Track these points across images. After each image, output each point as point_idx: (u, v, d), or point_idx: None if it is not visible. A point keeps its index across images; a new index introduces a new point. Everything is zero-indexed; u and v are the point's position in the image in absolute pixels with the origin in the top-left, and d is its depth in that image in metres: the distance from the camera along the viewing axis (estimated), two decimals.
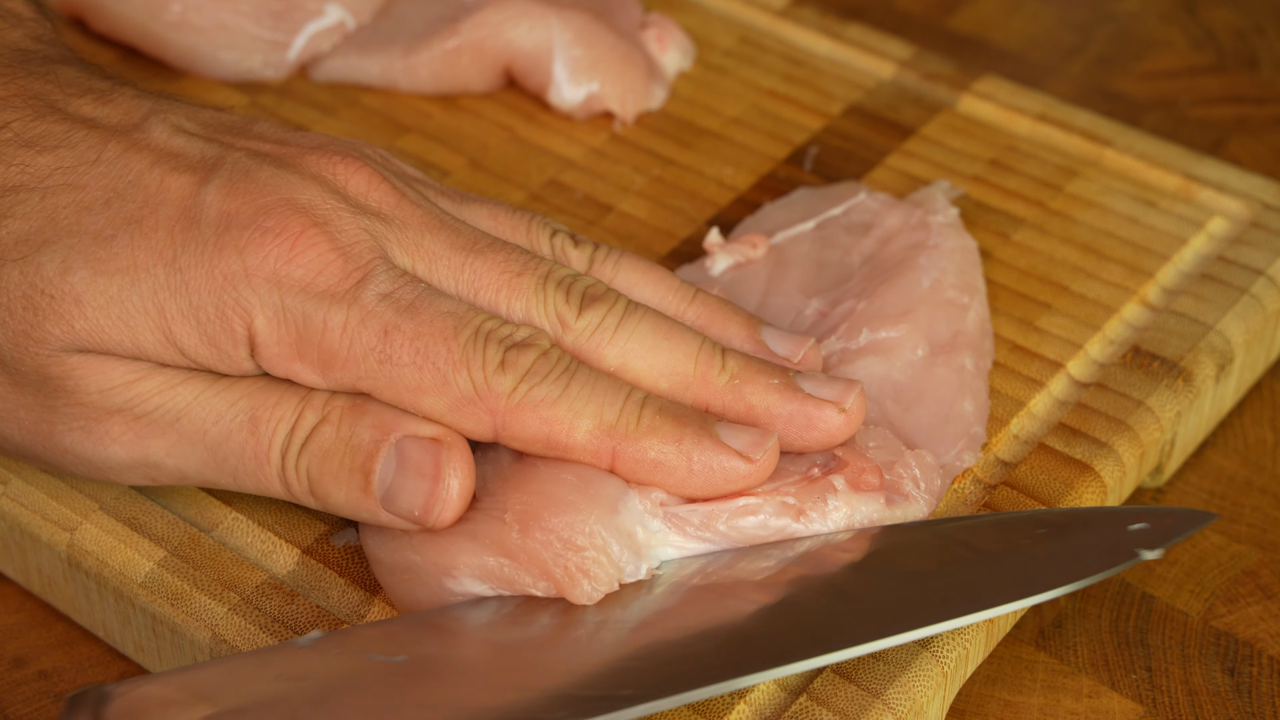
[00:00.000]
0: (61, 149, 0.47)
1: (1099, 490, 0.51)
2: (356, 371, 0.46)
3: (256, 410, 0.46)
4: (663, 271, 0.51)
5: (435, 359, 0.46)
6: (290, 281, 0.46)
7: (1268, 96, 0.72)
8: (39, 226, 0.46)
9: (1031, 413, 0.54)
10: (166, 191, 0.47)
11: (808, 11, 0.69)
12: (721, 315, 0.50)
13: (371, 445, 0.46)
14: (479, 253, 0.48)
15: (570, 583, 0.45)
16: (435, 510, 0.46)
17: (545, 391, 0.46)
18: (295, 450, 0.46)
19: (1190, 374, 0.55)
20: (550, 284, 0.48)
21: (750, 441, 0.46)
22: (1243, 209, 0.60)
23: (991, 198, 0.61)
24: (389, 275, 0.46)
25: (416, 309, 0.46)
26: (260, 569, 0.49)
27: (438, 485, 0.46)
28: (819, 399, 0.48)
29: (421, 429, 0.46)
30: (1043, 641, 0.52)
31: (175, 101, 0.51)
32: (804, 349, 0.50)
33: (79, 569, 0.50)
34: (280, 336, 0.46)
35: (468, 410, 0.46)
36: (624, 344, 0.48)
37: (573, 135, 0.64)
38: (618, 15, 0.66)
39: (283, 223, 0.46)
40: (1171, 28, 0.76)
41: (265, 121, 0.51)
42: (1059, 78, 0.73)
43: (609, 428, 0.46)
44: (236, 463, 0.47)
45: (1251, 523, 0.55)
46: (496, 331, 0.46)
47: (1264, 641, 0.52)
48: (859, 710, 0.45)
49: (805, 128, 0.65)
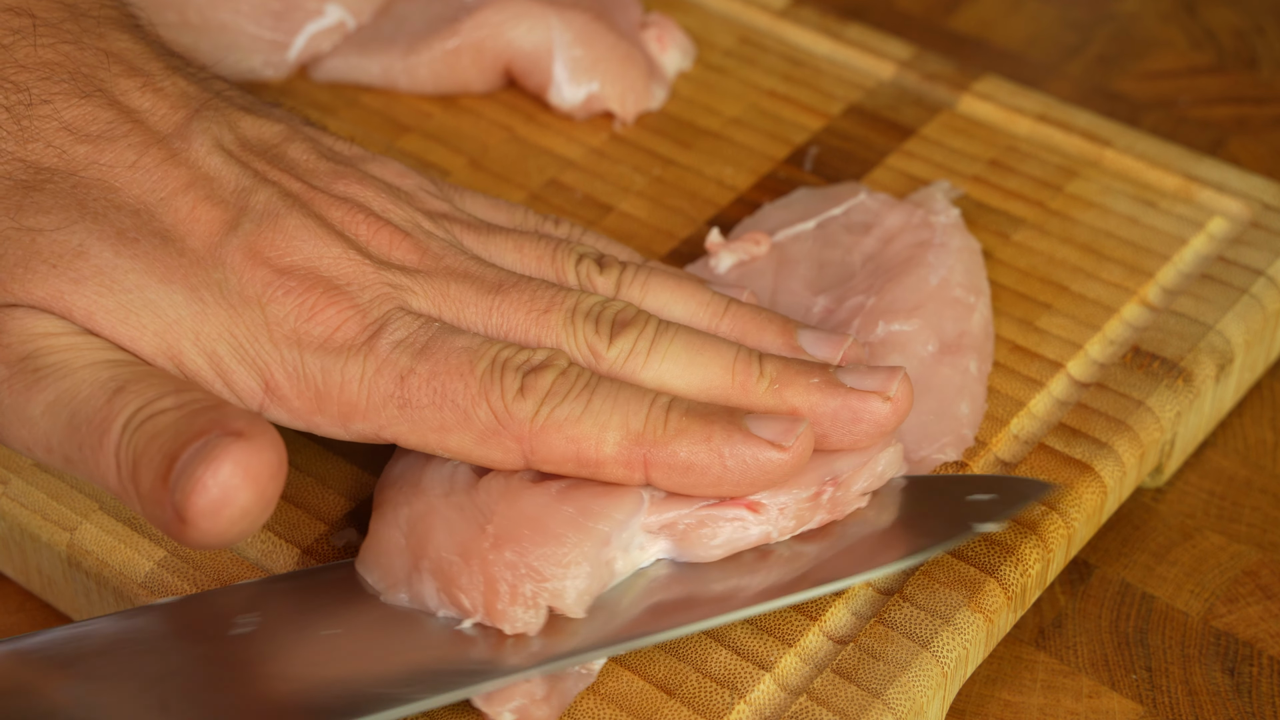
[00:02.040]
0: (102, 142, 0.47)
1: (1099, 490, 0.51)
2: (378, 420, 0.46)
3: (126, 384, 0.44)
4: (693, 285, 0.50)
5: (454, 395, 0.45)
6: (309, 339, 0.46)
7: (1268, 96, 0.72)
8: (67, 205, 0.46)
9: (1031, 413, 0.54)
10: (196, 222, 0.46)
11: (808, 11, 0.69)
12: (756, 324, 0.49)
13: (191, 435, 0.42)
14: (504, 293, 0.47)
15: (508, 609, 0.44)
16: (190, 509, 0.41)
17: (568, 410, 0.45)
18: (135, 425, 0.43)
19: (1190, 374, 0.55)
20: (578, 317, 0.47)
21: (781, 429, 0.46)
22: (1243, 209, 0.60)
23: (991, 198, 0.61)
24: (404, 322, 0.46)
25: (431, 350, 0.46)
26: (260, 569, 0.49)
27: (201, 483, 0.41)
28: (862, 391, 0.47)
29: (236, 423, 0.42)
30: (1043, 641, 0.52)
31: (222, 101, 0.50)
32: (843, 349, 0.49)
33: (79, 569, 0.50)
34: (300, 392, 0.46)
35: (494, 441, 0.45)
36: (658, 366, 0.47)
37: (573, 135, 0.64)
38: (618, 15, 0.66)
39: (304, 285, 0.46)
40: (1171, 28, 0.76)
41: (300, 142, 0.50)
42: (1059, 78, 0.73)
43: (637, 436, 0.45)
44: (87, 429, 0.44)
45: (1251, 523, 0.55)
46: (513, 359, 0.46)
47: (1264, 641, 0.52)
48: (859, 710, 0.45)
49: (805, 128, 0.65)
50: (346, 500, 0.51)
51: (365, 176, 0.50)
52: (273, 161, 0.49)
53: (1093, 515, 0.52)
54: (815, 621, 0.48)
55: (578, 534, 0.45)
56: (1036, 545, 0.50)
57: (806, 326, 0.50)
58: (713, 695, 0.46)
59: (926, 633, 0.47)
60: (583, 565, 0.45)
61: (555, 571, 0.45)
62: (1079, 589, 0.53)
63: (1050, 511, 0.50)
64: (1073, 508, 0.51)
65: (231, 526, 0.41)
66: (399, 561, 0.46)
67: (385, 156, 0.52)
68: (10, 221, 0.45)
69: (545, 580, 0.45)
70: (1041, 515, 0.50)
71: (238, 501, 0.41)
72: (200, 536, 0.41)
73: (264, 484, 0.41)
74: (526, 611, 0.45)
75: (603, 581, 0.46)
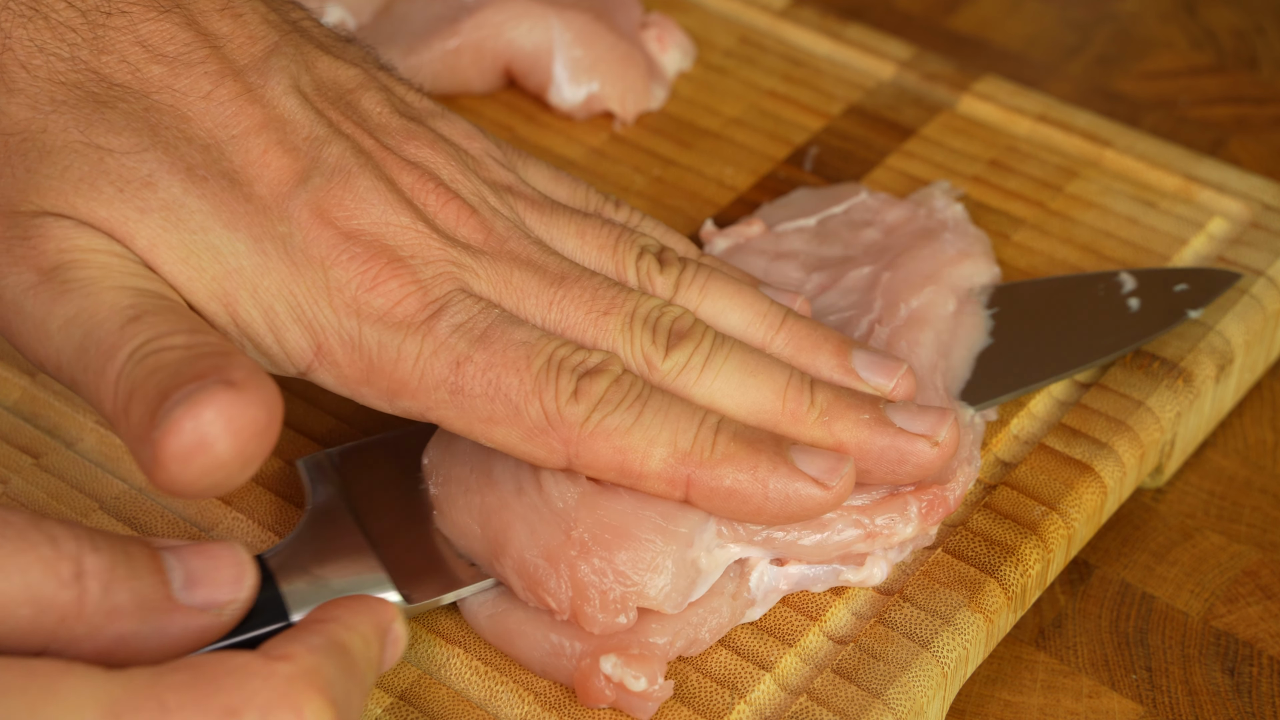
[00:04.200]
0: (177, 66, 0.46)
1: (1099, 490, 0.51)
2: (426, 401, 0.45)
3: (144, 314, 0.42)
4: (751, 293, 0.49)
5: (508, 390, 0.45)
6: (369, 310, 0.45)
7: (1268, 96, 0.72)
8: (139, 128, 0.45)
9: (1031, 413, 0.54)
10: (266, 167, 0.45)
11: (808, 12, 0.69)
12: (811, 341, 0.49)
13: (190, 376, 0.41)
14: (566, 287, 0.47)
15: (597, 614, 0.45)
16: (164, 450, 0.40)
17: (618, 420, 0.45)
18: (140, 356, 0.42)
19: (1190, 374, 0.55)
20: (636, 323, 0.47)
21: (826, 467, 0.45)
22: (1243, 209, 0.60)
23: (991, 198, 0.61)
24: (465, 306, 0.46)
25: (489, 339, 0.45)
26: None
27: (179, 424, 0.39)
28: (911, 433, 0.47)
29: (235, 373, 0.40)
30: (1043, 641, 0.52)
31: (300, 35, 0.49)
32: (897, 376, 0.48)
33: None
34: (352, 360, 0.45)
35: (540, 440, 0.45)
36: (711, 383, 0.47)
37: (573, 135, 0.64)
38: (618, 15, 0.66)
39: (369, 251, 0.45)
40: (1171, 28, 0.76)
41: (374, 91, 0.49)
42: (1059, 78, 0.73)
43: (683, 455, 0.45)
44: (95, 351, 0.42)
45: (1251, 523, 0.55)
46: (569, 359, 0.45)
47: (1264, 641, 0.52)
48: (859, 710, 0.45)
49: (805, 128, 0.65)
50: None
51: (437, 139, 0.49)
52: (346, 111, 0.48)
53: (1093, 515, 0.52)
54: (815, 621, 0.48)
55: (663, 538, 0.45)
56: (1036, 545, 0.50)
57: (862, 347, 0.49)
58: (713, 695, 0.46)
59: (926, 633, 0.47)
60: (667, 566, 0.45)
61: (642, 575, 0.45)
62: (1079, 589, 0.53)
63: (1050, 511, 0.51)
64: (1073, 508, 0.51)
65: (202, 476, 0.40)
66: (478, 547, 0.47)
67: (453, 114, 0.51)
68: (79, 135, 0.44)
69: (632, 584, 0.45)
70: (1041, 515, 0.50)
71: (213, 451, 0.39)
72: (168, 480, 0.40)
73: (245, 439, 0.40)
74: (616, 615, 0.45)
75: (690, 579, 0.46)
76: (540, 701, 0.46)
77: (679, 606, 0.46)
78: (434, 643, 0.47)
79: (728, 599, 0.47)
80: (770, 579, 0.47)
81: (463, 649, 0.47)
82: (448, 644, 0.47)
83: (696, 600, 0.46)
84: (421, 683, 0.47)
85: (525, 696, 0.46)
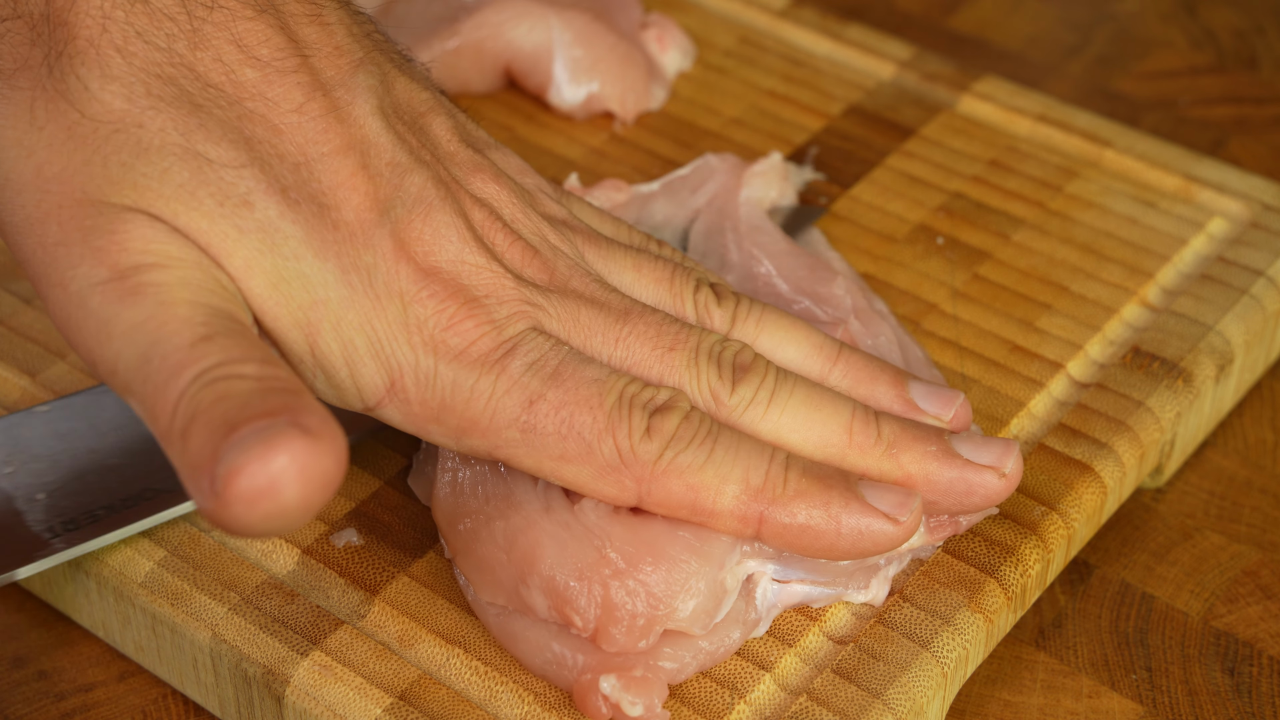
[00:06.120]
0: (270, 73, 0.45)
1: (1099, 491, 0.51)
2: (495, 440, 0.45)
3: (216, 335, 0.41)
4: (805, 328, 0.50)
5: (581, 428, 0.45)
6: (446, 349, 0.45)
7: (1268, 96, 0.72)
8: (235, 140, 0.44)
9: (1031, 413, 0.54)
10: (353, 191, 0.45)
11: (808, 12, 0.69)
12: (868, 374, 0.49)
13: (260, 411, 0.39)
14: (630, 323, 0.47)
15: (623, 636, 0.45)
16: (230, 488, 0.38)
17: (691, 458, 0.45)
18: (207, 380, 0.40)
19: (1190, 374, 0.55)
20: (702, 358, 0.47)
21: (897, 502, 0.45)
22: (1243, 209, 0.60)
23: (991, 198, 0.61)
24: (537, 344, 0.45)
25: (561, 377, 0.45)
26: (260, 569, 0.49)
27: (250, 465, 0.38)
28: (978, 465, 0.47)
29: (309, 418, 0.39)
30: (1043, 641, 0.52)
31: (380, 53, 0.48)
32: (955, 406, 0.49)
33: (79, 569, 0.50)
34: (424, 399, 0.45)
35: (612, 477, 0.45)
36: (777, 419, 0.47)
37: (573, 135, 0.64)
38: (618, 15, 0.66)
39: (447, 290, 0.45)
40: (1171, 28, 0.76)
41: (442, 117, 0.49)
42: (1059, 78, 0.73)
43: (756, 491, 0.45)
44: (160, 363, 0.41)
45: (1251, 523, 0.55)
46: (639, 396, 0.45)
47: (1264, 641, 0.52)
48: (859, 710, 0.45)
49: (805, 128, 0.65)
50: (346, 500, 0.51)
51: (499, 173, 0.49)
52: (420, 137, 0.47)
53: (1093, 515, 0.52)
54: (815, 621, 0.48)
55: (698, 559, 0.45)
56: (1036, 545, 0.50)
57: (916, 379, 0.49)
58: (713, 695, 0.46)
59: (926, 633, 0.47)
60: (700, 588, 0.45)
61: (674, 596, 0.45)
62: (1079, 589, 0.54)
63: (1050, 511, 0.51)
64: (1073, 508, 0.51)
65: (264, 521, 0.38)
66: (503, 575, 0.46)
67: (505, 147, 0.51)
68: (179, 138, 0.43)
69: (662, 604, 0.45)
70: (1041, 515, 0.50)
71: (280, 498, 0.38)
72: (228, 518, 0.38)
73: (312, 490, 0.38)
74: (639, 639, 0.45)
75: (717, 600, 0.46)
76: (540, 702, 0.46)
77: (706, 628, 0.46)
78: (434, 643, 0.47)
79: (739, 624, 0.46)
80: (772, 595, 0.47)
81: (463, 649, 0.47)
82: (448, 644, 0.47)
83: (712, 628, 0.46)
84: (421, 683, 0.47)
85: (525, 697, 0.46)
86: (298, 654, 0.47)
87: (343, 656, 0.47)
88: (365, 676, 0.46)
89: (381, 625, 0.48)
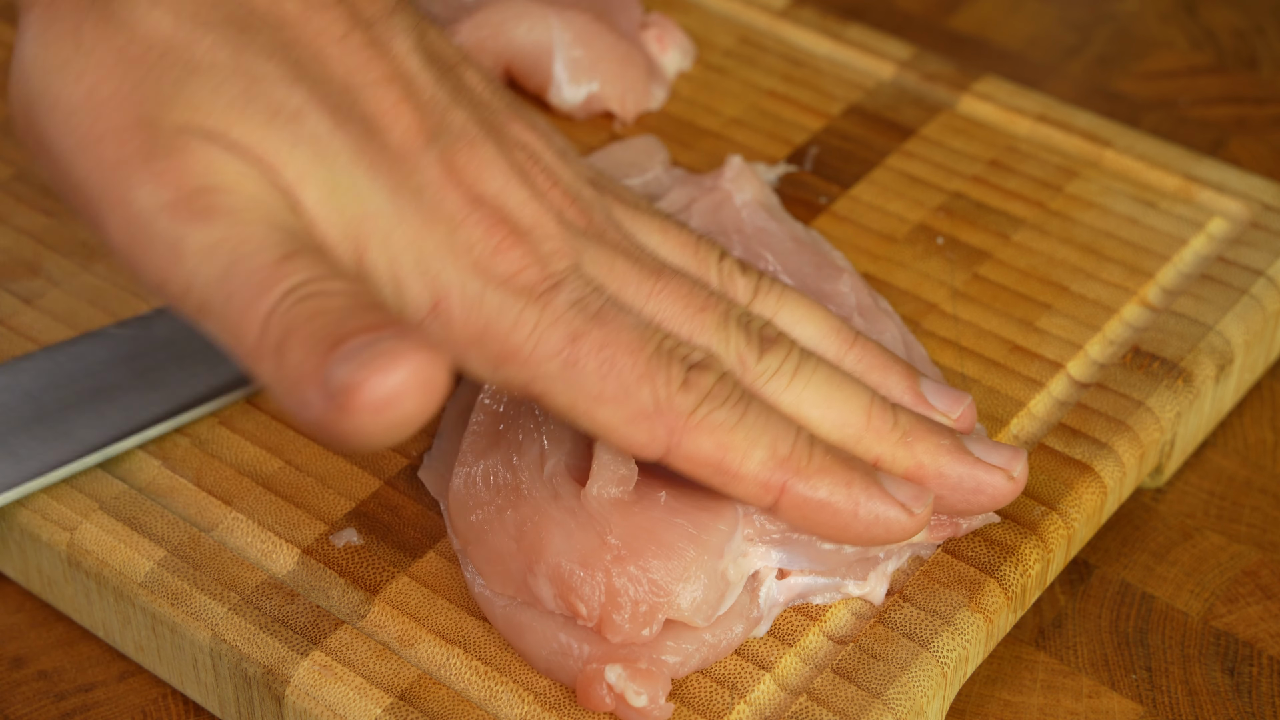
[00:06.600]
0: (312, 7, 0.45)
1: (1099, 490, 0.51)
2: (534, 372, 0.45)
3: (298, 252, 0.42)
4: (824, 310, 0.50)
5: (620, 369, 0.45)
6: (493, 273, 0.45)
7: (1268, 96, 0.72)
8: (283, 60, 0.44)
9: (1031, 413, 0.54)
10: (398, 118, 0.45)
11: (808, 12, 0.69)
12: (881, 364, 0.49)
13: (363, 325, 0.40)
14: (664, 280, 0.47)
15: (625, 623, 0.45)
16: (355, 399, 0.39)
17: (724, 416, 0.45)
18: (299, 296, 0.41)
19: (1190, 374, 0.55)
20: (731, 322, 0.47)
21: (913, 495, 0.46)
22: (1243, 209, 0.60)
23: (991, 198, 0.61)
24: (580, 284, 0.45)
25: (604, 318, 0.45)
26: (260, 569, 0.49)
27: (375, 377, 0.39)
28: (989, 464, 0.47)
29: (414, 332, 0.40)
30: (1043, 641, 0.52)
31: (412, 6, 0.48)
32: (962, 406, 0.49)
33: (79, 569, 0.50)
34: (468, 320, 0.44)
35: (644, 424, 0.45)
36: (799, 392, 0.47)
37: (573, 135, 0.64)
38: (618, 15, 0.66)
39: (494, 218, 0.45)
40: (1171, 28, 0.76)
41: (474, 70, 0.49)
42: (1059, 78, 0.73)
43: (782, 460, 0.45)
44: (244, 280, 0.41)
45: (1251, 523, 0.55)
46: (678, 350, 0.45)
47: (1264, 641, 0.52)
48: (859, 710, 0.45)
49: (805, 128, 0.65)
50: (346, 500, 0.51)
51: (533, 125, 0.49)
52: (457, 82, 0.48)
53: (1093, 515, 0.52)
54: (815, 621, 0.48)
55: (696, 548, 0.45)
56: (1036, 545, 0.50)
57: (927, 377, 0.50)
58: (713, 695, 0.46)
59: (926, 633, 0.47)
60: (700, 577, 0.45)
61: (675, 585, 0.45)
62: (1079, 589, 0.54)
63: (1050, 511, 0.51)
64: (1073, 508, 0.51)
65: (386, 429, 0.39)
66: (513, 565, 0.46)
67: (532, 109, 0.51)
68: (229, 56, 0.43)
69: (665, 594, 0.45)
70: (1041, 515, 0.50)
71: (403, 407, 0.39)
72: (350, 428, 0.39)
73: (429, 399, 0.39)
74: (642, 627, 0.45)
75: (719, 591, 0.46)
76: (540, 702, 0.46)
77: (709, 619, 0.46)
78: (434, 642, 0.47)
79: (741, 618, 0.47)
80: (775, 592, 0.47)
81: (463, 649, 0.47)
82: (448, 644, 0.47)
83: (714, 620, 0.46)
84: (421, 683, 0.47)
85: (525, 696, 0.46)
86: (298, 654, 0.47)
87: (343, 656, 0.47)
88: (365, 676, 0.46)
89: (381, 625, 0.48)
